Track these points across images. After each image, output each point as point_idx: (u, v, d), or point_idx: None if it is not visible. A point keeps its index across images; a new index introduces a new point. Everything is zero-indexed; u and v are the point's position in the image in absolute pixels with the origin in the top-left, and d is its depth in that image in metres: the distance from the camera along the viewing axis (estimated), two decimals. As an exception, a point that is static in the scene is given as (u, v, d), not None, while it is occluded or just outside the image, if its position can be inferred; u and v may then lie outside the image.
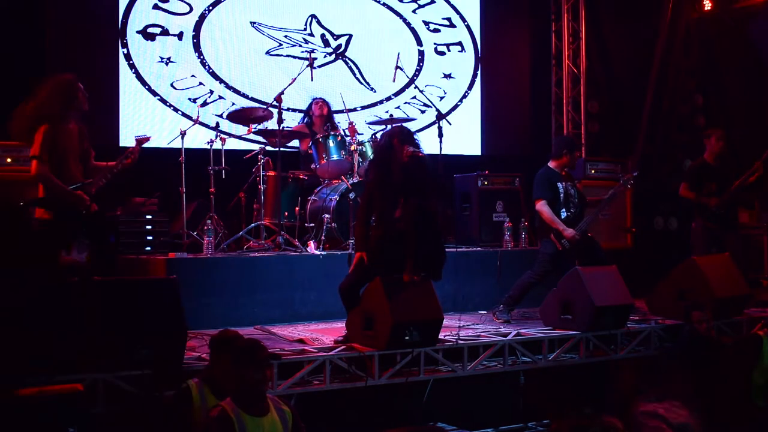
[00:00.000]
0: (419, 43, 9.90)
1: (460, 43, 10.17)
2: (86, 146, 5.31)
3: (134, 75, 8.35)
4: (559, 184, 6.68)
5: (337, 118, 8.25)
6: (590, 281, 5.97)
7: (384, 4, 9.71)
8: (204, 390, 4.07)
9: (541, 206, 6.62)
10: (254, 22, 8.94)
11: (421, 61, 9.86)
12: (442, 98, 9.82)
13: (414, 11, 9.92)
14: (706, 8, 10.42)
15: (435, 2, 10.06)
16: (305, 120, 8.25)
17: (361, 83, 9.44)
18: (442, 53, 10.05)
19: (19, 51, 7.69)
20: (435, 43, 10.02)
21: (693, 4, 10.52)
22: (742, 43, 10.16)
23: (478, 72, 10.19)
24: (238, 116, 7.58)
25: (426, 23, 9.98)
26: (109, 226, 6.92)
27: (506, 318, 6.61)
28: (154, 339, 4.51)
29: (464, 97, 10.04)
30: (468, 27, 10.23)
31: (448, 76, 10.00)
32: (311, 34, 9.24)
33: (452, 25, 10.16)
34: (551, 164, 6.79)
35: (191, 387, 4.08)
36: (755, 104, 10.17)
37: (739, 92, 10.38)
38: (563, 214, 6.65)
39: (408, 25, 9.86)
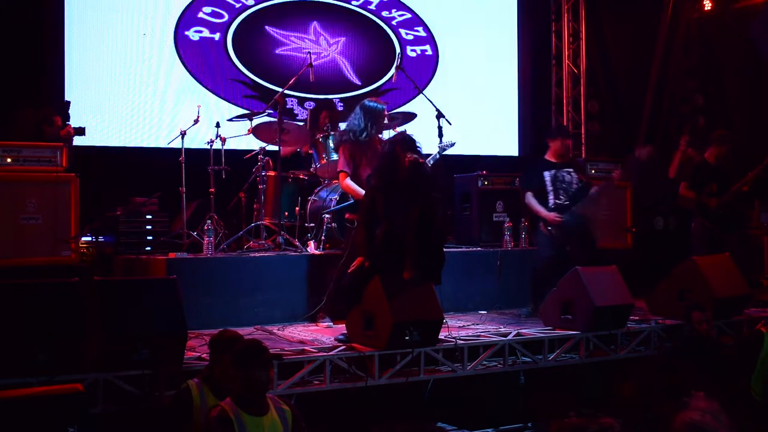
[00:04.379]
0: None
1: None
2: None
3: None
4: (546, 173, 6.83)
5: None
6: (590, 281, 5.97)
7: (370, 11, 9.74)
8: (204, 390, 4.06)
9: (527, 196, 6.93)
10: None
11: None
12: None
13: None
14: (706, 8, 10.42)
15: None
16: (308, 120, 8.25)
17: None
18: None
19: (20, 53, 7.72)
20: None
21: (693, 4, 10.52)
22: (742, 43, 10.15)
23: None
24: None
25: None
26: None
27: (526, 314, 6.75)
28: (154, 339, 4.51)
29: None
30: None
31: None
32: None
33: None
34: (548, 156, 6.94)
35: (191, 387, 4.08)
36: (755, 104, 10.17)
37: (739, 92, 10.37)
38: (551, 203, 6.79)
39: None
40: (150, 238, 7.05)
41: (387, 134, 7.95)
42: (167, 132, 8.30)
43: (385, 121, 6.31)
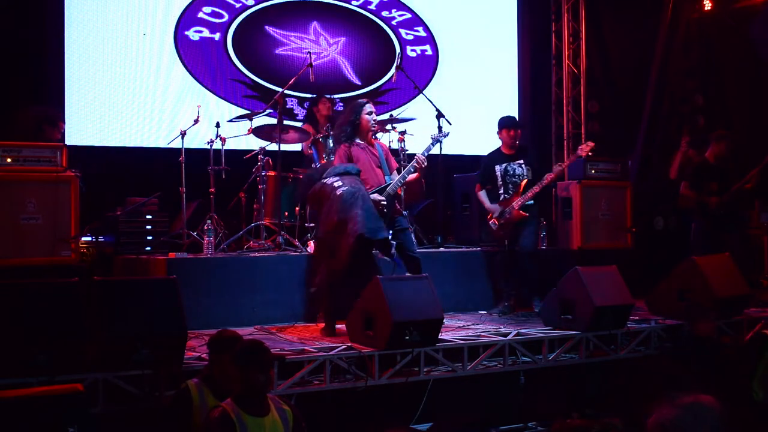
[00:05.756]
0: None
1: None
2: None
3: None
4: (497, 167, 7.02)
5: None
6: (590, 281, 5.97)
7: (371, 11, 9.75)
8: (203, 390, 4.06)
9: (478, 192, 7.15)
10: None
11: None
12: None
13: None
14: (706, 8, 10.41)
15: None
16: (309, 119, 8.25)
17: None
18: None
19: (20, 53, 7.72)
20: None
21: (693, 4, 10.51)
22: (742, 43, 10.15)
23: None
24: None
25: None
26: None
27: (500, 312, 6.88)
28: (154, 339, 4.50)
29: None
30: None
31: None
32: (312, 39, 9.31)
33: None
34: (501, 148, 7.15)
35: (190, 387, 4.08)
36: (755, 104, 10.17)
37: (739, 92, 10.37)
38: (501, 197, 6.98)
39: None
40: (150, 238, 7.05)
41: (387, 136, 8.04)
42: (167, 132, 8.29)
43: (372, 117, 6.30)
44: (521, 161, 7.02)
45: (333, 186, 5.82)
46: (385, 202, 5.99)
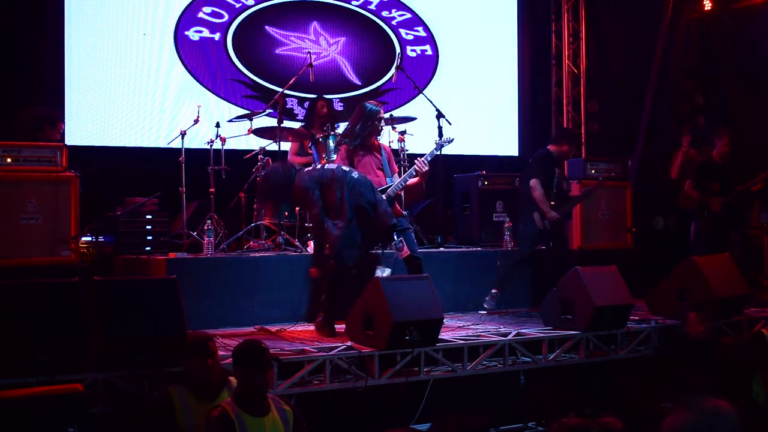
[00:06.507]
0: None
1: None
2: None
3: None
4: (557, 170, 7.15)
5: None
6: (590, 281, 5.97)
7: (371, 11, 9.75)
8: (183, 392, 4.06)
9: (537, 184, 7.01)
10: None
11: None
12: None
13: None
14: (706, 8, 10.40)
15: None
16: (306, 119, 8.25)
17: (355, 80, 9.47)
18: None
19: (20, 53, 7.72)
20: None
21: (693, 4, 10.50)
22: (742, 43, 10.15)
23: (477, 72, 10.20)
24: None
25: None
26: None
27: (492, 306, 7.03)
28: (154, 339, 4.51)
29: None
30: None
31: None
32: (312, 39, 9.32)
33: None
34: (552, 149, 7.19)
35: (171, 391, 4.08)
36: (755, 104, 10.16)
37: (739, 92, 10.36)
38: (552, 198, 7.06)
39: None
40: (150, 238, 7.05)
41: (387, 136, 8.03)
42: (167, 132, 8.30)
43: (382, 124, 6.31)
44: (560, 170, 7.30)
45: (342, 169, 5.78)
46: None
